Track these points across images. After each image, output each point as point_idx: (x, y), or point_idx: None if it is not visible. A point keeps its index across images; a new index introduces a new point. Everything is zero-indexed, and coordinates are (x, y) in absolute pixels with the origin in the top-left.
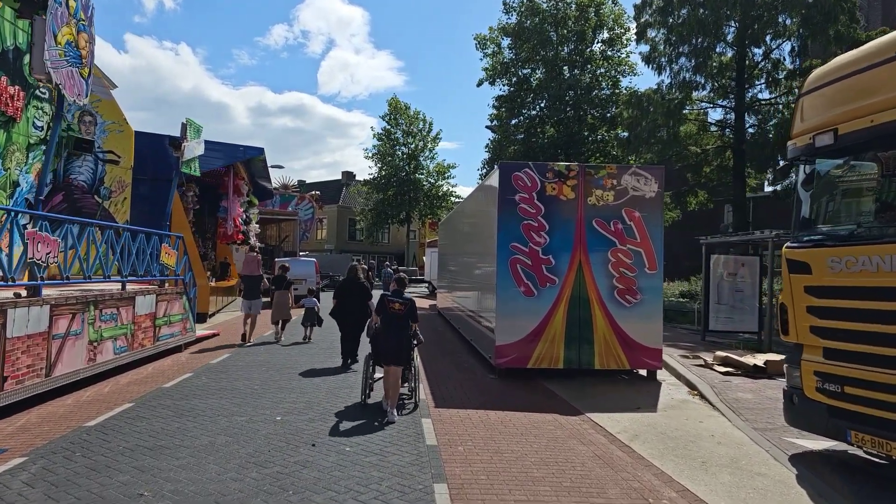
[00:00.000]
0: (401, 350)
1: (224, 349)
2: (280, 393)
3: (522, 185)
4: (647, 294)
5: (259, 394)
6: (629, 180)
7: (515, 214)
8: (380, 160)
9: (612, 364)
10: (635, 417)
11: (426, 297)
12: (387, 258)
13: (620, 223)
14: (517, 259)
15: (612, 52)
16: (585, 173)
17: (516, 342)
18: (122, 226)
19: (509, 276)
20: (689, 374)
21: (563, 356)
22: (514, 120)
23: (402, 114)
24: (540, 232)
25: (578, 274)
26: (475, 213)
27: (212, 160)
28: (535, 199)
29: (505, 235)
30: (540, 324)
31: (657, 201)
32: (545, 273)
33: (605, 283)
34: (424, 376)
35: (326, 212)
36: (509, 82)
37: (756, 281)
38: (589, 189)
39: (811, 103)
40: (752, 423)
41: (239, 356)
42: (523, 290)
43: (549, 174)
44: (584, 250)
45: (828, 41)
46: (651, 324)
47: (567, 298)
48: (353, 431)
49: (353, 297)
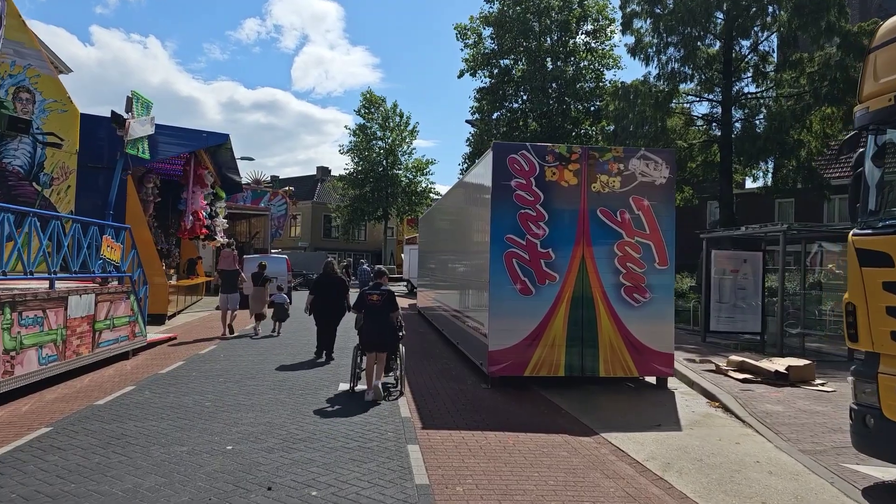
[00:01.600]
0: (382, 337)
1: (179, 355)
2: (236, 412)
3: (519, 169)
4: (657, 292)
5: (210, 414)
6: (637, 165)
7: (511, 202)
8: (356, 155)
9: (619, 371)
10: (659, 438)
11: (405, 296)
12: (363, 256)
13: (628, 213)
14: (513, 253)
15: (596, 45)
16: (589, 156)
17: (512, 347)
18: (45, 212)
19: (504, 273)
20: (704, 381)
21: (564, 362)
22: (495, 113)
23: (378, 107)
24: (538, 222)
25: (581, 270)
26: (463, 204)
27: (171, 147)
28: (533, 185)
29: (499, 226)
30: (538, 326)
31: (668, 188)
32: (544, 269)
33: (611, 280)
34: (408, 388)
35: (300, 208)
36: (491, 74)
37: (759, 279)
38: (593, 174)
39: (888, 57)
40: (795, 443)
41: (194, 364)
42: (519, 288)
43: (549, 157)
44: (588, 243)
45: (818, 32)
46: (661, 325)
47: (568, 297)
48: (323, 465)
49: (329, 291)
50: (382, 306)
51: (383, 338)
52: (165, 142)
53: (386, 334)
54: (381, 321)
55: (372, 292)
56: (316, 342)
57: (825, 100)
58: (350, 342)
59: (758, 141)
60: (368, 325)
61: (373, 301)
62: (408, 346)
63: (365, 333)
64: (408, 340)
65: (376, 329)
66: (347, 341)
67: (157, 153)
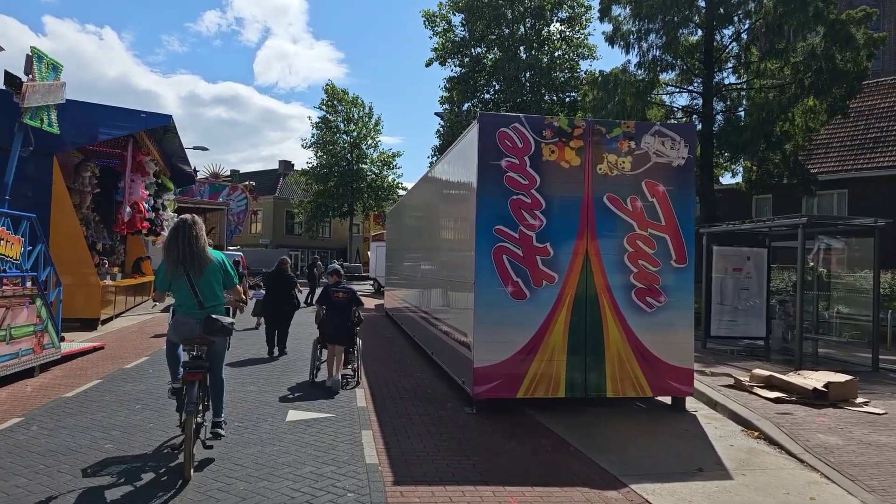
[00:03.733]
0: (343, 332)
1: (99, 370)
2: (140, 462)
3: (511, 146)
4: (673, 295)
5: (102, 467)
6: (651, 142)
7: (501, 186)
8: (319, 149)
9: (629, 390)
10: (709, 492)
11: (371, 295)
12: (327, 254)
13: (640, 200)
14: (503, 248)
15: (572, 34)
16: (594, 132)
17: (502, 363)
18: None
19: (492, 272)
20: (729, 401)
21: (564, 381)
22: (466, 104)
23: (340, 100)
24: (534, 211)
25: (585, 268)
26: (440, 191)
27: (106, 129)
28: (527, 165)
29: (487, 215)
30: (534, 337)
31: (687, 171)
32: (541, 267)
33: (621, 281)
34: (374, 414)
35: (262, 203)
36: (461, 63)
37: (763, 278)
38: (599, 153)
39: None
40: (882, 494)
41: (113, 383)
42: (511, 291)
43: (547, 132)
44: (593, 236)
45: (806, 19)
46: (679, 335)
47: (570, 301)
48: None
49: (280, 289)
50: (348, 303)
51: (344, 332)
52: (98, 123)
53: (347, 329)
54: (344, 317)
55: (337, 290)
56: (266, 341)
57: (810, 91)
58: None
59: (744, 133)
60: (331, 320)
61: (339, 298)
62: (374, 353)
63: (327, 327)
64: (374, 346)
65: (339, 323)
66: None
67: (89, 136)
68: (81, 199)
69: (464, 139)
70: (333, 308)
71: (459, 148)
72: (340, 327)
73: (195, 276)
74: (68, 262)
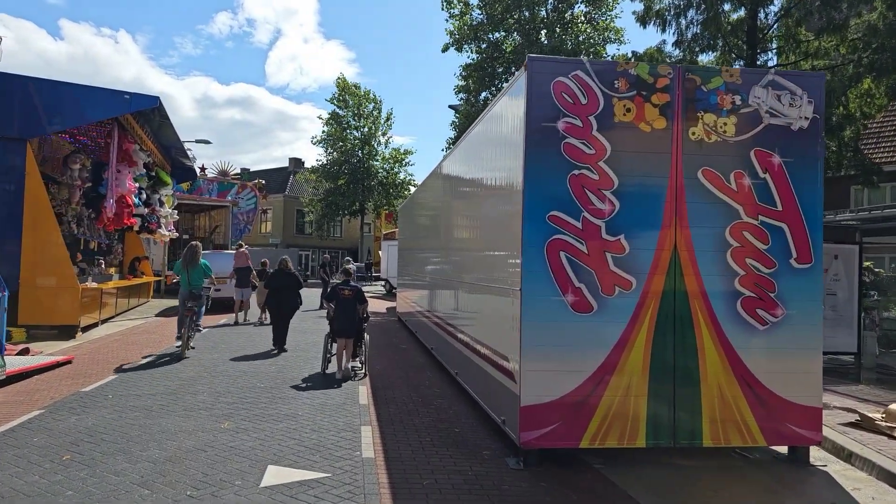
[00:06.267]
0: (351, 326)
1: (46, 395)
2: None
3: (572, 101)
4: (794, 306)
5: None
6: (763, 97)
7: (558, 158)
8: (329, 145)
9: (735, 437)
10: None
11: (383, 297)
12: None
13: (748, 176)
14: (561, 242)
15: (597, 15)
16: (686, 81)
17: (560, 400)
18: None
19: (546, 275)
20: (869, 451)
21: (645, 424)
22: (483, 93)
23: (352, 94)
24: (603, 191)
25: (673, 269)
26: (470, 171)
27: (83, 111)
28: (593, 128)
29: (538, 198)
30: (604, 364)
31: (812, 137)
32: (613, 269)
33: (722, 287)
34: (386, 473)
35: (272, 202)
36: (479, 48)
37: (854, 281)
38: (692, 112)
39: None
40: None
41: (56, 414)
42: (572, 301)
43: (621, 83)
44: (684, 225)
45: None
46: (803, 360)
47: (652, 315)
48: None
49: (284, 287)
50: (353, 299)
51: (351, 326)
52: (76, 105)
53: (354, 323)
54: (350, 312)
55: (344, 288)
56: (273, 336)
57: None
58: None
59: None
60: (339, 315)
61: (345, 295)
62: (384, 372)
63: (336, 322)
64: (384, 362)
65: (346, 319)
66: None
67: (66, 119)
68: (71, 193)
69: (503, 98)
70: (341, 304)
71: (498, 109)
72: (348, 322)
73: (190, 271)
74: (44, 262)
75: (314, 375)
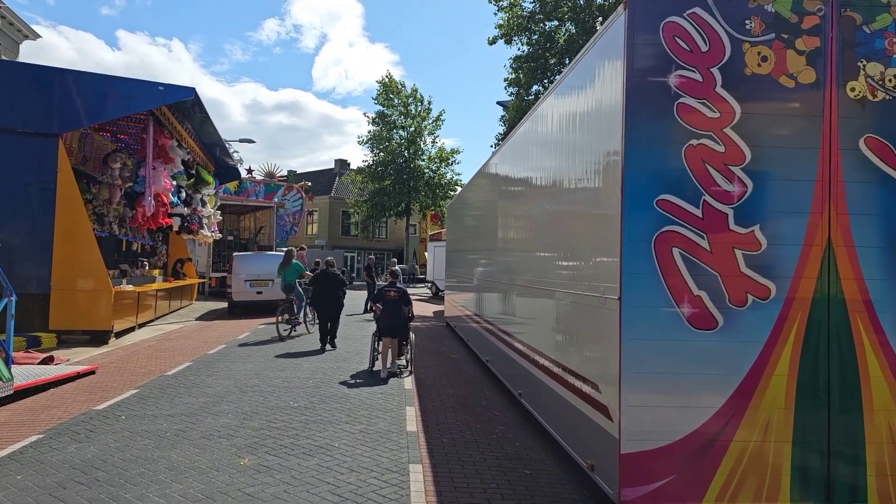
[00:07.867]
0: (395, 326)
1: (51, 416)
2: None
3: (688, 49)
4: None
5: None
6: None
7: (671, 123)
8: (375, 146)
9: None
10: None
11: (429, 300)
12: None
13: None
14: (674, 235)
15: None
16: (842, 18)
17: (674, 446)
18: None
19: (654, 278)
20: None
21: (790, 477)
22: (535, 86)
23: (398, 93)
24: (732, 168)
25: (826, 271)
26: (541, 147)
27: (116, 104)
28: (717, 83)
29: (643, 175)
30: (734, 397)
31: None
32: (745, 271)
33: (893, 295)
34: None
35: (317, 203)
36: (529, 40)
37: None
38: (851, 61)
39: None
40: None
41: (55, 441)
42: (690, 314)
43: (755, 23)
44: (841, 213)
45: None
46: None
47: (799, 333)
48: None
49: (327, 286)
50: (398, 301)
51: (397, 326)
52: (109, 97)
53: (399, 323)
54: (396, 313)
55: (389, 289)
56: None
57: None
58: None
59: None
60: (385, 316)
61: (390, 296)
62: (433, 387)
63: (382, 321)
64: (432, 373)
65: (391, 319)
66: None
67: (98, 113)
68: (111, 193)
69: (586, 56)
70: (387, 305)
71: (577, 74)
72: (393, 321)
73: (286, 270)
74: (76, 264)
75: (355, 388)
